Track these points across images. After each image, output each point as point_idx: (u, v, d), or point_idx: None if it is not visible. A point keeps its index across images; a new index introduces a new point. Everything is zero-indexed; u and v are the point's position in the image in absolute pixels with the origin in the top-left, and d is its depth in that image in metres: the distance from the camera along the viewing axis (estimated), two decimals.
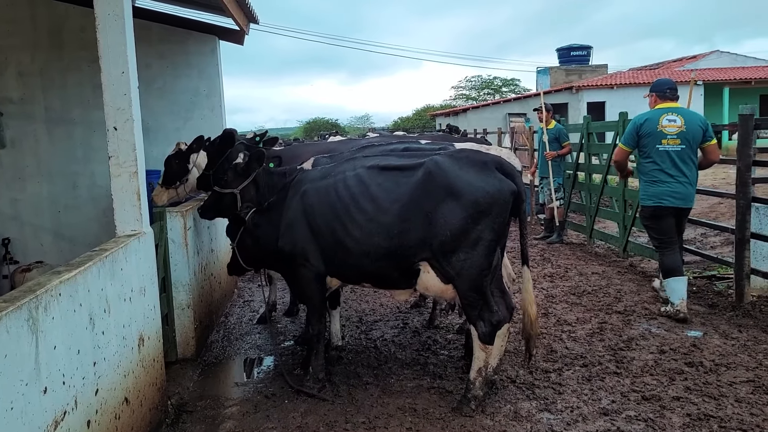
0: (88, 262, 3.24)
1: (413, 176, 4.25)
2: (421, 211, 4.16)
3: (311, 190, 4.58)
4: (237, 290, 8.05)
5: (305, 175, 4.75)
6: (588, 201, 10.20)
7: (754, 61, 34.17)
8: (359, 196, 4.35)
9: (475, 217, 4.06)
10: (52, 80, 7.83)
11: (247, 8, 7.26)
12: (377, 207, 4.28)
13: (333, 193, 4.46)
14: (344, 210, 4.37)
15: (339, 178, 4.52)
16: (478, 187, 4.08)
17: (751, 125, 6.15)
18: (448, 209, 4.09)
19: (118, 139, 4.14)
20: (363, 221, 4.31)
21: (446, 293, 4.36)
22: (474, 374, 4.29)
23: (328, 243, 4.48)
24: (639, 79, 31.00)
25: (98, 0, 4.04)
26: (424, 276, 4.32)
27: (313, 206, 4.52)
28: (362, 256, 4.37)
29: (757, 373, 4.65)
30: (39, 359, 2.58)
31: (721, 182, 15.21)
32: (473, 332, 4.29)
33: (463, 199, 4.07)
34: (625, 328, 5.80)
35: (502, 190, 4.12)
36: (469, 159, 4.26)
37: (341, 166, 4.64)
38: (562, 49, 40.73)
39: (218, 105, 8.35)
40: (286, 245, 4.61)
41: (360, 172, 4.46)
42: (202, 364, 5.48)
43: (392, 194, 4.27)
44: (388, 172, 4.38)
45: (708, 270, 7.76)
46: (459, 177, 4.12)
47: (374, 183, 4.36)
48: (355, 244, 4.35)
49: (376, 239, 4.28)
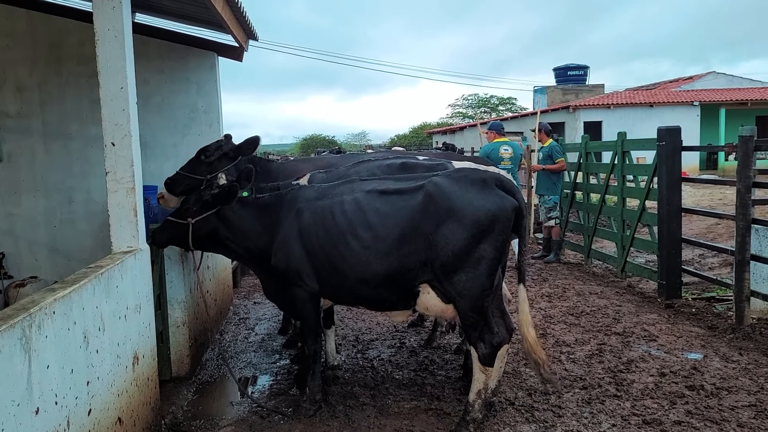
0: (84, 279, 3.20)
1: (413, 199, 4.19)
2: (422, 234, 4.10)
3: (307, 210, 4.48)
4: (233, 307, 7.98)
5: (300, 193, 4.63)
6: (586, 220, 10.19)
7: (750, 83, 34.46)
8: (357, 223, 4.26)
9: (477, 236, 4.02)
10: (50, 95, 7.80)
11: (246, 25, 7.27)
12: (376, 235, 4.20)
13: (330, 217, 4.36)
14: (341, 236, 4.28)
15: (336, 201, 4.42)
16: (480, 206, 4.05)
17: (751, 147, 6.14)
18: (449, 230, 4.04)
19: (116, 154, 4.11)
20: (361, 249, 4.22)
21: (447, 313, 4.31)
22: (473, 396, 4.23)
23: (323, 266, 4.39)
24: (635, 99, 31.18)
25: (98, 16, 4.03)
26: (424, 297, 4.27)
27: (308, 227, 4.42)
28: (360, 283, 4.30)
29: (759, 397, 4.60)
30: (32, 379, 2.52)
31: (718, 203, 15.23)
32: (473, 354, 4.23)
33: (465, 219, 4.03)
34: (625, 350, 5.74)
35: (504, 207, 4.09)
36: (468, 178, 4.23)
37: (339, 188, 4.54)
38: (559, 69, 41.00)
39: (216, 121, 8.32)
40: (280, 262, 4.51)
41: (358, 196, 4.37)
42: (197, 383, 5.41)
43: (391, 219, 4.20)
44: (387, 196, 4.30)
45: (707, 291, 7.72)
46: (460, 197, 4.08)
47: (373, 209, 4.27)
48: (351, 271, 4.27)
49: (375, 267, 4.20)
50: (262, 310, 7.85)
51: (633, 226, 8.47)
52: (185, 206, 4.73)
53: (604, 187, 9.53)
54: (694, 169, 28.33)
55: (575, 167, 10.42)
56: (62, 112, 7.84)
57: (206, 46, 8.38)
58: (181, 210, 4.75)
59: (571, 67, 40.68)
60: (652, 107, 29.85)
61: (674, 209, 7.39)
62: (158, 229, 4.81)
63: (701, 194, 17.63)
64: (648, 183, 8.13)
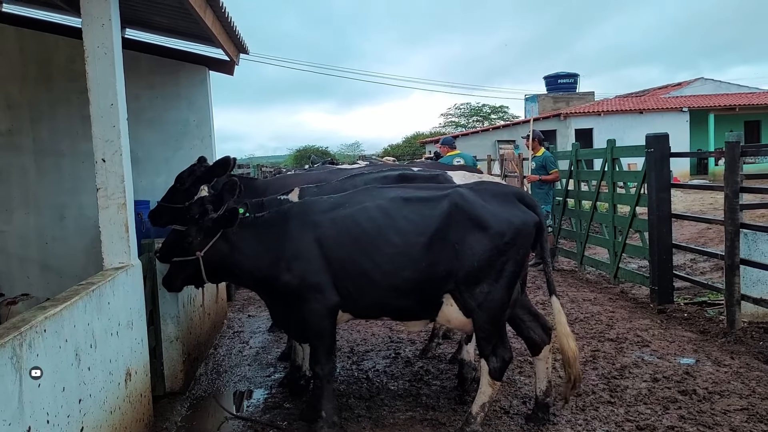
0: (75, 297, 3.20)
1: (438, 207, 4.19)
2: (449, 243, 4.11)
3: (325, 221, 4.30)
4: (226, 321, 7.96)
5: (310, 206, 4.47)
6: (578, 227, 10.24)
7: (738, 88, 34.75)
8: (387, 228, 4.19)
9: (501, 249, 4.06)
10: (41, 112, 7.80)
11: (237, 39, 7.30)
12: (406, 239, 4.15)
13: (355, 224, 4.25)
14: (372, 243, 4.19)
15: (358, 208, 4.32)
16: (504, 219, 4.10)
17: (737, 152, 6.20)
18: (474, 240, 4.06)
19: (107, 170, 4.12)
20: (392, 254, 4.15)
21: (467, 326, 4.31)
22: (477, 408, 4.23)
23: (348, 276, 4.24)
24: (625, 106, 31.41)
25: (87, 33, 4.06)
26: (446, 309, 4.25)
27: (329, 237, 4.25)
28: (390, 290, 4.22)
29: (751, 401, 4.62)
30: (23, 398, 2.52)
31: (708, 207, 15.32)
32: (483, 367, 4.22)
33: (490, 231, 4.06)
34: (618, 356, 5.76)
35: (526, 221, 4.14)
36: (490, 191, 4.29)
37: (356, 197, 4.45)
38: (549, 77, 41.24)
39: (208, 135, 8.34)
40: (294, 279, 4.28)
41: (382, 203, 4.30)
42: (191, 398, 5.38)
43: (419, 226, 4.17)
44: (413, 203, 4.28)
45: (698, 296, 7.76)
46: (484, 208, 4.13)
47: (400, 215, 4.22)
48: (383, 277, 4.19)
49: (406, 272, 4.15)
50: (256, 324, 7.84)
51: (624, 233, 8.52)
52: (188, 240, 4.43)
53: (595, 194, 9.59)
54: (685, 174, 28.55)
55: (567, 175, 10.48)
56: (53, 129, 7.85)
57: (197, 61, 8.41)
58: (183, 247, 4.46)
59: (562, 75, 40.94)
60: (642, 114, 30.09)
61: (664, 215, 7.44)
62: (168, 275, 4.63)
63: (692, 199, 17.73)
64: (638, 189, 8.19)
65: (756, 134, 31.97)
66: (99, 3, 4.06)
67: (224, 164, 5.61)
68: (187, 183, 5.54)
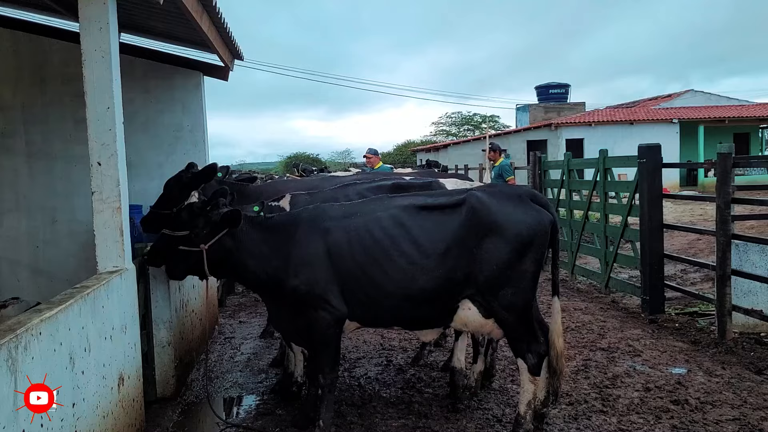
0: (70, 300, 3.18)
1: (455, 214, 4.20)
2: (467, 249, 4.12)
3: (337, 229, 4.26)
4: (218, 326, 7.93)
5: (323, 212, 4.42)
6: (569, 237, 10.28)
7: (728, 100, 35.10)
8: (400, 238, 4.18)
9: (520, 251, 4.10)
10: (34, 114, 7.75)
11: (232, 45, 7.30)
12: (421, 250, 4.15)
13: (367, 234, 4.21)
14: (384, 253, 4.16)
15: (370, 217, 4.29)
16: (520, 220, 4.14)
17: (729, 164, 6.26)
18: (493, 244, 4.09)
19: (102, 174, 4.11)
20: (407, 265, 4.14)
21: (485, 328, 4.35)
22: (524, 408, 4.29)
23: (360, 286, 4.21)
24: (616, 116, 31.63)
25: (85, 37, 4.05)
26: (463, 313, 4.27)
27: (340, 246, 4.22)
28: (404, 300, 4.20)
29: (743, 410, 4.65)
30: (17, 401, 2.50)
31: (698, 218, 15.44)
32: (521, 365, 4.29)
33: (507, 233, 4.09)
34: (610, 366, 5.78)
35: (542, 221, 4.18)
36: (503, 193, 4.34)
37: (368, 206, 4.43)
38: (540, 87, 41.54)
39: (201, 140, 8.31)
40: (302, 285, 4.22)
41: (395, 212, 4.28)
42: (182, 404, 5.35)
43: (436, 234, 4.18)
44: (428, 211, 4.27)
45: (689, 306, 7.80)
46: (501, 211, 4.15)
47: (415, 224, 4.21)
48: (396, 288, 4.16)
49: (421, 282, 4.14)
50: (247, 330, 7.81)
51: (616, 243, 8.57)
52: (194, 232, 4.37)
53: (587, 204, 9.64)
54: (675, 186, 28.73)
55: (558, 184, 10.53)
56: (46, 132, 7.80)
57: (192, 66, 8.40)
58: (190, 237, 4.38)
59: (553, 85, 41.22)
60: (632, 125, 30.31)
61: (656, 225, 7.49)
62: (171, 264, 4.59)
63: (682, 210, 17.85)
64: (630, 199, 8.24)
65: (745, 146, 32.33)
66: (97, 7, 4.06)
67: (210, 170, 5.62)
68: (174, 190, 5.53)
